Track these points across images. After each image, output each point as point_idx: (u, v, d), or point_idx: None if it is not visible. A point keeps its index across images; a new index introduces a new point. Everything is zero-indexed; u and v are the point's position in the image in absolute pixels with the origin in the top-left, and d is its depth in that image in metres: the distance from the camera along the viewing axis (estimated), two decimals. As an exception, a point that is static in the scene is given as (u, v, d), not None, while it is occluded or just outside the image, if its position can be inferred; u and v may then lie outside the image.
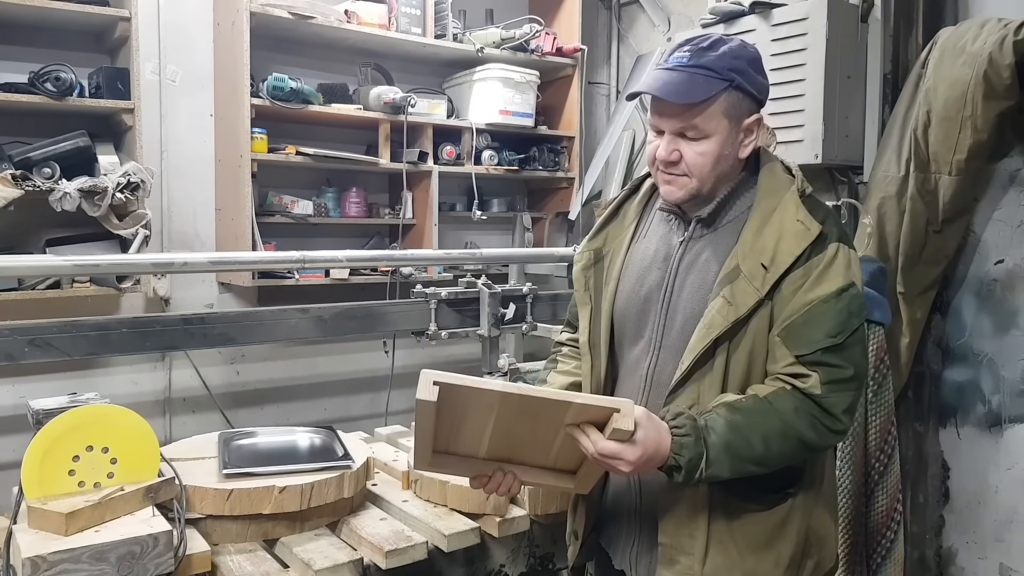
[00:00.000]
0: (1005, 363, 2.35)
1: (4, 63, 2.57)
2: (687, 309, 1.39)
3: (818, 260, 1.32)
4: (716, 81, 1.33)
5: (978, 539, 2.45)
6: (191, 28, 2.91)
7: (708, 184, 1.38)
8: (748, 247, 1.34)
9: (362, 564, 1.57)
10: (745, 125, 1.38)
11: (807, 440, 1.30)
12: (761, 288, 1.31)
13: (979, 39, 2.16)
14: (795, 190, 1.38)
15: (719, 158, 1.36)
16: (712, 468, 1.26)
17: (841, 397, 1.31)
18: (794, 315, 1.31)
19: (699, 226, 1.43)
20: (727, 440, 1.26)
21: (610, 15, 3.83)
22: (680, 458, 1.25)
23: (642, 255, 1.49)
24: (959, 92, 2.17)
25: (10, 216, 2.39)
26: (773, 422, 1.28)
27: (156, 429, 1.63)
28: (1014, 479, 2.35)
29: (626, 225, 1.55)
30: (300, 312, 2.18)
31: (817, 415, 1.30)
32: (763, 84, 1.40)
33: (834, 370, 1.30)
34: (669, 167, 1.39)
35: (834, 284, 1.31)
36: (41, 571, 1.33)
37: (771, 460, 1.30)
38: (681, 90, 1.33)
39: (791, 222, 1.34)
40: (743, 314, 1.31)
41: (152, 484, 1.56)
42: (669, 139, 1.37)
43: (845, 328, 1.30)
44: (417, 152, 3.08)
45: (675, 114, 1.35)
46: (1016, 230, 2.31)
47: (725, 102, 1.34)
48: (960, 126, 2.19)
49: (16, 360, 1.81)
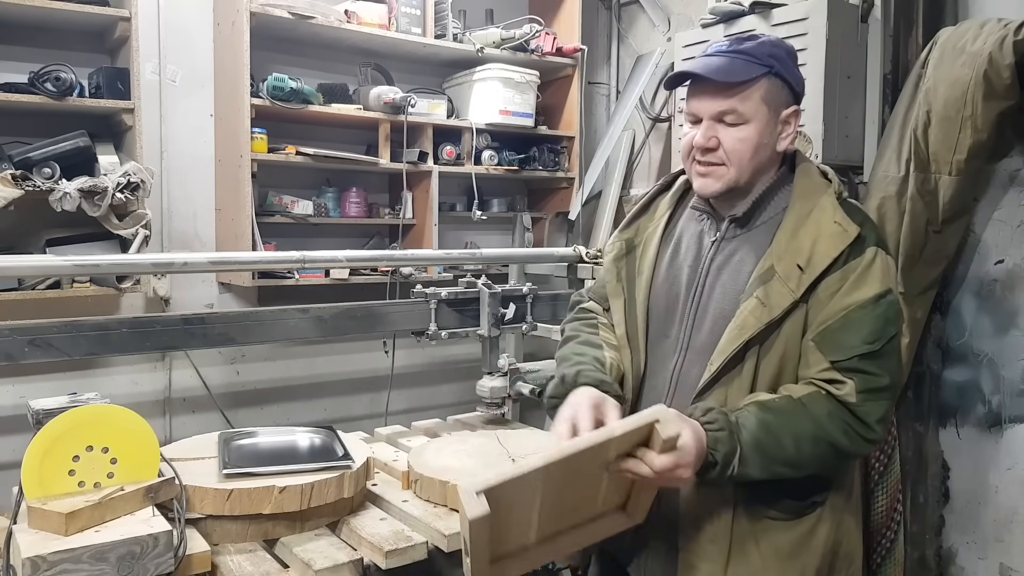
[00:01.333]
0: (1005, 363, 2.35)
1: (4, 63, 2.57)
2: (717, 310, 1.35)
3: (856, 264, 1.29)
4: (756, 65, 1.31)
5: (978, 539, 2.45)
6: (191, 28, 2.91)
7: (746, 175, 1.35)
8: (783, 248, 1.31)
9: (362, 564, 1.57)
10: (784, 116, 1.36)
11: (839, 446, 1.26)
12: (796, 290, 1.28)
13: (979, 39, 2.16)
14: (832, 192, 1.36)
15: (758, 147, 1.33)
16: (743, 466, 1.23)
17: (876, 406, 1.27)
18: (830, 320, 1.27)
19: (733, 226, 1.40)
20: (758, 438, 1.23)
21: (610, 15, 3.83)
22: (716, 453, 1.22)
23: (672, 251, 1.47)
24: (959, 92, 2.17)
25: (10, 216, 2.39)
26: (805, 424, 1.25)
27: (156, 429, 1.63)
28: (1014, 479, 2.35)
29: (657, 217, 1.52)
30: (300, 312, 2.18)
31: (851, 423, 1.26)
32: (800, 78, 1.38)
33: (870, 378, 1.26)
34: (707, 154, 1.35)
35: (872, 289, 1.28)
36: (41, 571, 1.33)
37: (801, 463, 1.26)
38: (722, 70, 1.31)
39: (828, 224, 1.31)
40: (777, 316, 1.28)
41: (152, 484, 1.56)
42: (707, 125, 1.34)
43: (882, 335, 1.27)
44: (417, 152, 3.08)
45: (715, 96, 1.32)
46: (1016, 230, 2.31)
47: (764, 88, 1.32)
48: (960, 126, 2.19)
49: (16, 360, 1.81)
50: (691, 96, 1.36)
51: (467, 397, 2.87)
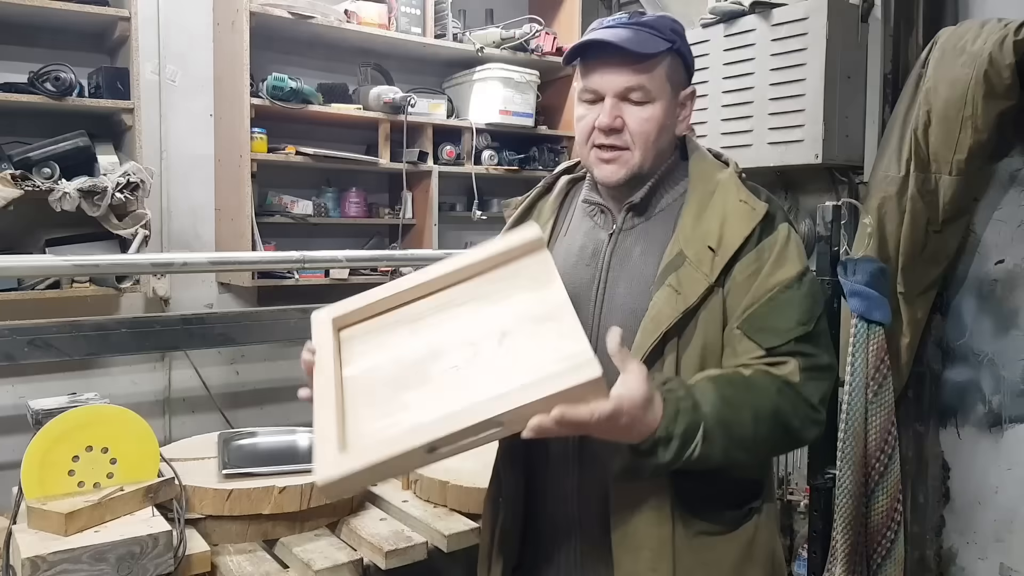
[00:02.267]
0: (1005, 363, 2.35)
1: (4, 63, 2.57)
2: (625, 307, 1.24)
3: (771, 242, 1.20)
4: (660, 40, 1.22)
5: (978, 539, 2.45)
6: (191, 28, 2.91)
7: (649, 160, 1.25)
8: (690, 231, 1.22)
9: (362, 564, 1.57)
10: (682, 97, 1.28)
11: (791, 428, 1.15)
12: (710, 273, 1.18)
13: (979, 39, 2.16)
14: (732, 172, 1.28)
15: (662, 128, 1.24)
16: (707, 445, 1.08)
17: (818, 386, 1.18)
18: (756, 304, 1.18)
19: (631, 215, 1.30)
20: (721, 414, 1.09)
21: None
22: (674, 427, 1.05)
23: (566, 253, 1.34)
24: (959, 92, 2.17)
25: (10, 216, 2.39)
26: (763, 400, 1.13)
27: (156, 429, 1.63)
28: (1014, 479, 2.35)
29: (542, 223, 1.38)
30: (300, 312, 2.18)
31: (798, 402, 1.16)
32: (692, 60, 1.32)
33: (810, 358, 1.18)
34: (611, 135, 1.23)
35: (793, 268, 1.20)
36: (41, 571, 1.33)
37: (758, 447, 1.15)
38: (632, 40, 1.20)
39: (734, 203, 1.22)
40: (693, 303, 1.17)
41: (152, 484, 1.56)
42: (612, 103, 1.23)
43: (812, 314, 1.19)
44: (417, 152, 3.08)
45: (621, 70, 1.21)
46: (1016, 230, 2.31)
47: (668, 65, 1.24)
48: (960, 126, 2.19)
49: (16, 360, 1.82)
50: (592, 71, 1.24)
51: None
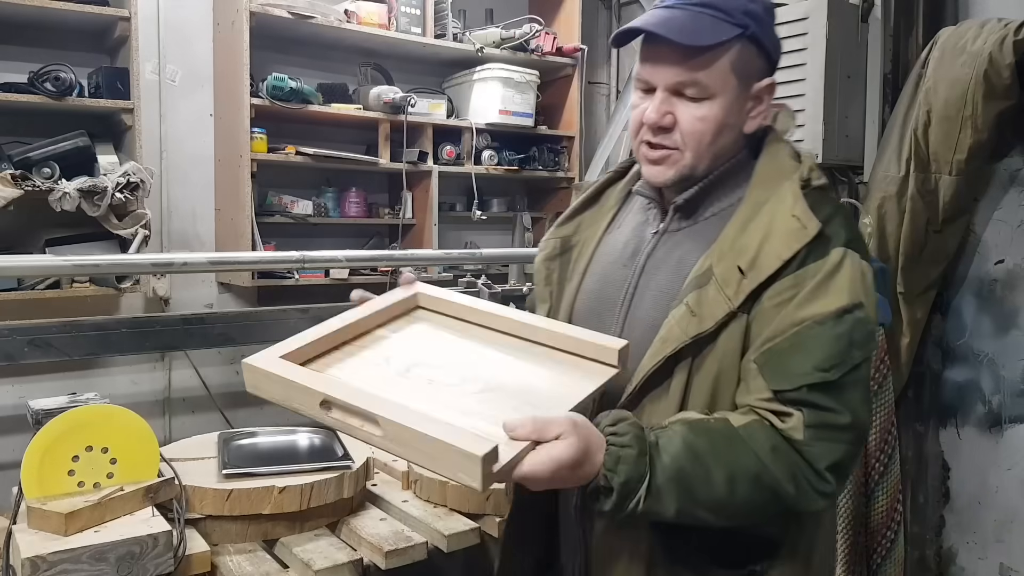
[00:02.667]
0: (1005, 363, 2.35)
1: (4, 63, 2.57)
2: (648, 318, 1.10)
3: (816, 268, 1.02)
4: (728, 25, 1.04)
5: (978, 539, 2.45)
6: (191, 28, 2.90)
7: (704, 162, 1.10)
8: (728, 245, 1.06)
9: (362, 564, 1.57)
10: (755, 90, 1.11)
11: (783, 494, 0.98)
12: (733, 298, 1.02)
13: (979, 39, 2.16)
14: (796, 178, 1.08)
15: (721, 128, 1.08)
16: (653, 500, 0.94)
17: (828, 448, 0.99)
18: (777, 337, 1.01)
19: (677, 216, 1.15)
20: (681, 467, 0.95)
21: (610, 15, 3.83)
22: (614, 476, 0.93)
23: (611, 249, 1.22)
24: (959, 92, 2.17)
25: (10, 216, 2.39)
26: (745, 458, 0.97)
27: (156, 429, 1.63)
28: (1014, 479, 2.35)
29: (604, 212, 1.27)
30: (300, 312, 2.19)
31: (797, 466, 0.98)
32: (777, 43, 1.14)
33: (822, 413, 0.99)
34: (659, 135, 1.09)
35: (834, 302, 1.00)
36: (41, 571, 1.33)
37: (733, 510, 0.98)
38: (685, 29, 1.03)
39: (784, 217, 1.04)
40: (708, 328, 1.03)
41: (152, 484, 1.56)
42: (662, 97, 1.08)
43: (842, 361, 0.99)
44: (417, 152, 3.08)
45: (674, 63, 1.06)
46: (1016, 230, 2.31)
47: (736, 55, 1.06)
48: (960, 126, 2.19)
49: (16, 360, 1.82)
50: (644, 59, 1.10)
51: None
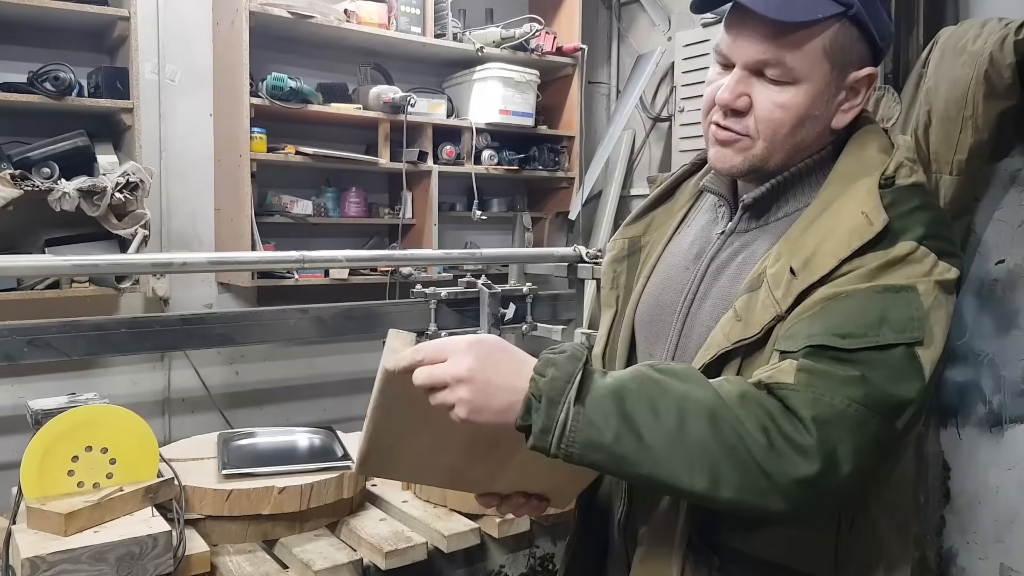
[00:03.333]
0: (1006, 363, 2.35)
1: (3, 63, 2.57)
2: (705, 327, 1.00)
3: (874, 257, 0.87)
4: (827, 2, 0.91)
5: (979, 539, 2.45)
6: (191, 28, 2.90)
7: (779, 155, 0.97)
8: (788, 247, 0.94)
9: (362, 565, 1.57)
10: (851, 80, 0.96)
11: (751, 441, 0.80)
12: (781, 301, 0.89)
13: (980, 39, 2.16)
14: (877, 173, 0.94)
15: (803, 119, 0.94)
16: (583, 413, 0.81)
17: (820, 399, 0.81)
18: (805, 313, 0.88)
19: (746, 216, 1.04)
20: (623, 385, 0.83)
21: (610, 15, 3.83)
22: (542, 380, 0.82)
23: (676, 250, 1.12)
24: (960, 92, 2.17)
25: (9, 216, 2.39)
26: (701, 392, 0.83)
27: (155, 429, 1.63)
28: (1015, 479, 2.35)
29: (676, 210, 1.16)
30: (300, 312, 2.18)
31: (774, 413, 0.82)
32: (888, 26, 0.97)
33: (824, 364, 0.83)
34: (730, 118, 0.96)
35: (888, 280, 0.86)
36: (40, 571, 1.33)
37: (684, 451, 0.81)
38: (776, 1, 0.90)
39: (852, 214, 0.90)
40: (754, 334, 0.91)
41: (151, 484, 1.56)
42: (739, 76, 0.95)
43: (864, 334, 0.83)
44: (417, 152, 3.08)
45: (758, 38, 0.92)
46: (1017, 230, 2.31)
47: (833, 36, 0.92)
48: (961, 126, 2.19)
49: (15, 360, 1.81)
50: (727, 28, 0.97)
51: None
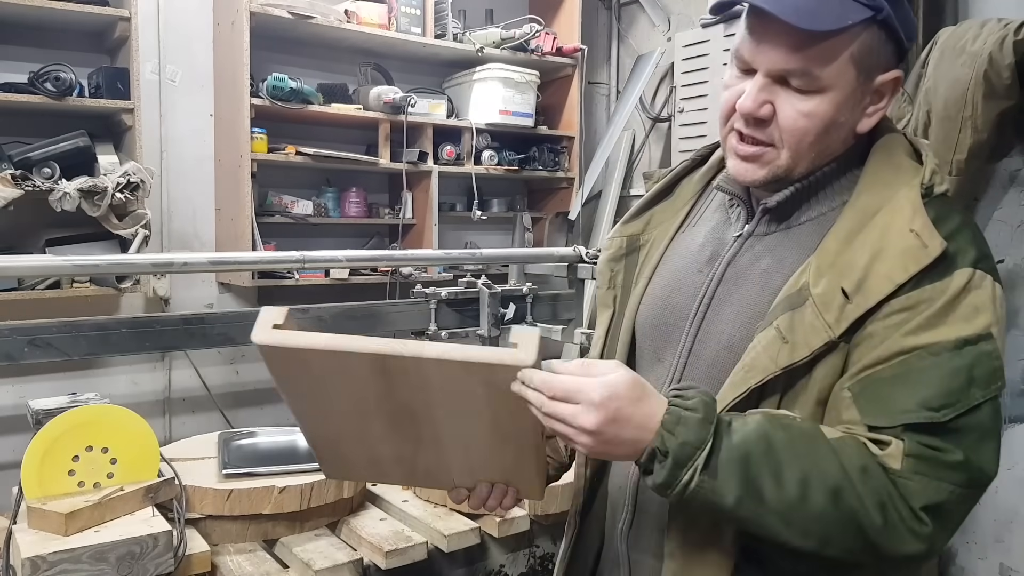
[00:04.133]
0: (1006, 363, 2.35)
1: (4, 63, 2.57)
2: (724, 335, 0.96)
3: (935, 291, 0.85)
4: (857, 6, 0.87)
5: (978, 539, 2.45)
6: (191, 28, 2.91)
7: (803, 163, 0.94)
8: (829, 260, 0.89)
9: (362, 564, 1.57)
10: (878, 84, 0.93)
11: (867, 521, 0.81)
12: (834, 325, 0.86)
13: (979, 39, 2.16)
14: (916, 184, 0.90)
15: (829, 127, 0.91)
16: (710, 477, 0.81)
17: (928, 485, 0.82)
18: (879, 365, 0.85)
19: (766, 219, 1.00)
20: (749, 452, 0.82)
21: (610, 15, 3.83)
22: (671, 438, 0.81)
23: (684, 251, 1.07)
24: (959, 92, 2.17)
25: (10, 216, 2.39)
26: (826, 464, 0.82)
27: (156, 429, 1.63)
28: (1014, 479, 2.35)
29: (678, 207, 1.12)
30: (300, 312, 2.18)
31: (889, 496, 0.81)
32: (914, 25, 0.95)
33: (929, 449, 0.83)
34: (753, 127, 0.93)
35: (955, 331, 0.84)
36: (41, 571, 1.33)
37: (803, 520, 0.82)
38: (803, 8, 0.85)
39: (900, 232, 0.87)
40: (802, 358, 0.87)
41: (152, 484, 1.56)
42: (762, 84, 0.91)
43: (957, 401, 0.83)
44: (417, 152, 3.08)
45: (783, 45, 0.88)
46: (1016, 230, 2.31)
47: (861, 42, 0.89)
48: (960, 126, 2.19)
49: (16, 360, 1.81)
50: (749, 31, 0.92)
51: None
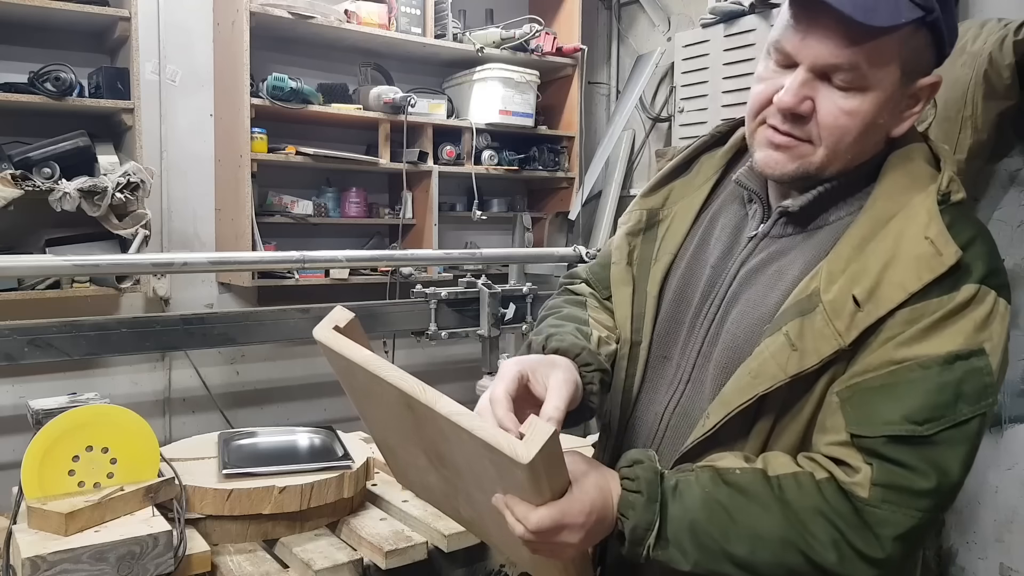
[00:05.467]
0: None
1: (4, 63, 2.57)
2: (730, 336, 0.95)
3: (939, 304, 0.84)
4: (910, 5, 0.83)
5: (978, 539, 2.45)
6: (191, 28, 2.91)
7: (837, 164, 0.91)
8: (841, 266, 0.88)
9: (362, 564, 1.57)
10: (917, 87, 0.91)
11: (822, 559, 0.83)
12: (844, 333, 0.85)
13: (979, 39, 2.16)
14: (933, 191, 0.89)
15: (869, 127, 0.89)
16: (663, 548, 0.87)
17: (896, 514, 0.82)
18: (869, 373, 0.85)
19: (782, 221, 0.98)
20: (694, 520, 0.86)
21: (610, 15, 3.83)
22: (624, 522, 0.87)
23: (702, 237, 1.05)
24: (959, 92, 2.17)
25: (10, 216, 2.39)
26: (772, 519, 0.85)
27: (156, 429, 1.63)
28: (1014, 479, 2.35)
29: (698, 184, 1.09)
30: (300, 312, 2.18)
31: (847, 530, 0.83)
32: (956, 32, 0.92)
33: (900, 471, 0.83)
34: (790, 123, 0.90)
35: (947, 344, 0.83)
36: (41, 571, 1.33)
37: (762, 570, 0.86)
38: (862, 3, 0.81)
39: (914, 239, 0.86)
40: (811, 366, 0.86)
41: (152, 484, 1.56)
42: (804, 79, 0.87)
43: (942, 416, 0.82)
44: (417, 152, 3.08)
45: (833, 39, 0.85)
46: (1016, 230, 2.31)
47: (909, 43, 0.86)
48: (960, 126, 2.19)
49: (16, 360, 1.81)
50: (794, 24, 0.88)
51: (467, 397, 2.84)
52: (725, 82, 2.75)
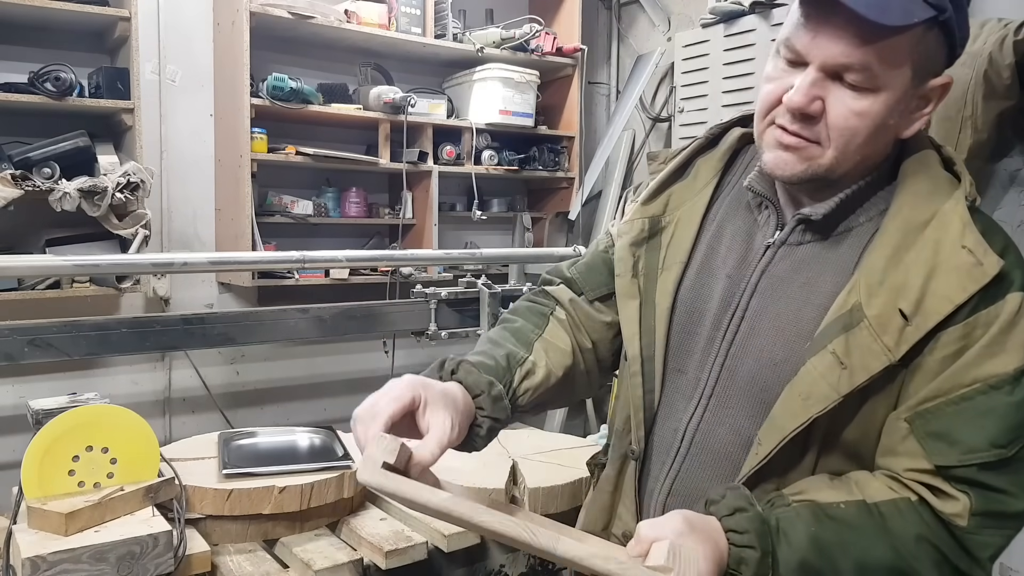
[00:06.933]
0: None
1: (4, 63, 2.57)
2: (765, 352, 0.93)
3: (989, 316, 0.84)
4: (922, 4, 0.83)
5: (978, 539, 2.45)
6: (191, 28, 2.91)
7: (846, 165, 0.90)
8: (878, 276, 0.87)
9: (362, 564, 1.57)
10: (928, 88, 0.90)
11: None
12: (894, 348, 0.85)
13: (979, 39, 2.16)
14: (961, 197, 0.88)
15: (879, 128, 0.88)
16: None
17: (995, 537, 0.84)
18: (939, 398, 0.85)
19: (800, 228, 0.96)
20: (804, 559, 0.84)
21: (610, 15, 3.83)
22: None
23: (709, 245, 1.03)
24: (959, 92, 2.17)
25: (10, 216, 2.39)
26: (879, 549, 0.84)
27: (156, 429, 1.63)
28: (1014, 479, 2.35)
29: (698, 187, 1.07)
30: (300, 312, 2.18)
31: (950, 555, 0.84)
32: (968, 32, 0.90)
33: (995, 497, 0.83)
34: (799, 123, 0.89)
35: (1012, 361, 0.84)
36: (41, 571, 1.33)
37: None
38: (875, 2, 0.81)
39: (953, 249, 0.85)
40: (861, 383, 0.85)
41: (152, 484, 1.56)
42: (814, 78, 0.86)
43: (1019, 434, 0.83)
44: (417, 152, 3.08)
45: (846, 38, 0.84)
46: (1016, 230, 2.31)
47: (922, 43, 0.85)
48: (960, 126, 2.19)
49: (16, 360, 1.81)
50: (805, 22, 0.88)
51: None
52: (725, 82, 2.75)
